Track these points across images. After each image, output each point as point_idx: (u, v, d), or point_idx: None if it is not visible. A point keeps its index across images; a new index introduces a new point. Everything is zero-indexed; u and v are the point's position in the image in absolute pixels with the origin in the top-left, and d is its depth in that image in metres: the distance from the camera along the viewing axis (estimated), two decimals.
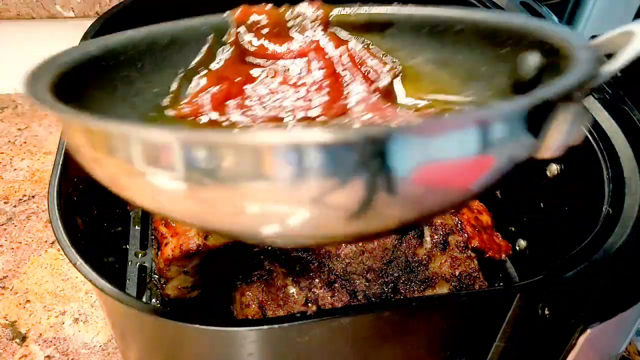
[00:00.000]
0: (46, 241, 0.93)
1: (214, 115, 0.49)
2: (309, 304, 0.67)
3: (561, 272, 0.55)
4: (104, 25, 0.86)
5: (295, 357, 0.61)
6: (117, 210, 0.90)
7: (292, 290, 0.69)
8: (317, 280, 0.69)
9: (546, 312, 0.56)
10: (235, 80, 0.53)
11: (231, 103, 0.51)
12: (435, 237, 0.71)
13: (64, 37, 1.13)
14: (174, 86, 0.54)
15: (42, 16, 1.10)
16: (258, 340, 0.57)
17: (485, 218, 0.83)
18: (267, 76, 0.54)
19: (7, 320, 0.83)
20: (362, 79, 0.52)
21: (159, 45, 0.55)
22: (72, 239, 0.60)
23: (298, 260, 0.71)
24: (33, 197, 1.00)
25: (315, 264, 0.70)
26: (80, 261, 0.58)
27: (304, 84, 0.52)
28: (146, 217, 0.94)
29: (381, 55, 0.54)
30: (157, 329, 0.59)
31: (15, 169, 1.05)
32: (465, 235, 0.76)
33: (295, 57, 0.54)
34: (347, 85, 0.52)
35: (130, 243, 0.90)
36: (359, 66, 0.53)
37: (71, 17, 1.11)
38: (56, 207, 0.62)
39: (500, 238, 0.82)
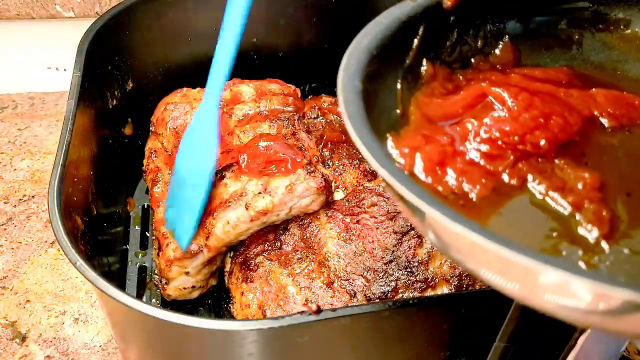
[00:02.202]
0: (46, 241, 0.93)
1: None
2: (309, 304, 0.67)
3: None
4: (104, 25, 0.86)
5: (295, 357, 0.61)
6: (117, 210, 0.90)
7: (292, 290, 0.69)
8: (317, 280, 0.69)
9: None
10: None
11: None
12: None
13: (64, 37, 1.13)
14: (398, 93, 0.52)
15: (42, 16, 1.10)
16: (258, 340, 0.57)
17: None
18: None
19: (7, 320, 0.83)
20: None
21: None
22: (72, 239, 0.60)
23: (298, 260, 0.71)
24: (33, 197, 1.00)
25: (315, 264, 0.70)
26: (80, 261, 0.58)
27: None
28: (146, 217, 0.94)
29: None
30: (157, 329, 0.59)
31: (15, 169, 1.05)
32: None
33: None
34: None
35: (130, 243, 0.90)
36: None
37: (71, 17, 1.11)
38: (56, 207, 0.62)
39: None
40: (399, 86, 0.52)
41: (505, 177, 0.45)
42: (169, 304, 0.81)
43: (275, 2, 0.97)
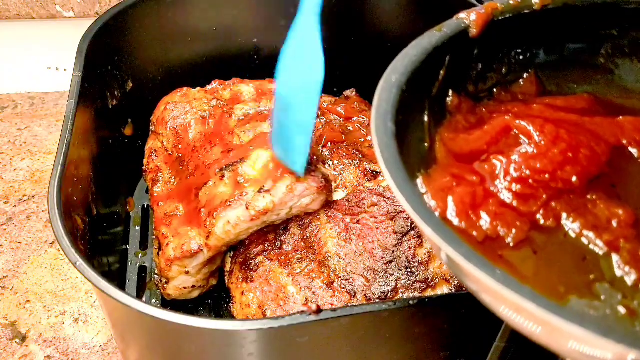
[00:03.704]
0: (46, 241, 0.93)
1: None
2: (309, 304, 0.67)
3: None
4: (104, 25, 0.86)
5: (295, 357, 0.61)
6: (117, 210, 0.90)
7: (292, 290, 0.69)
8: (317, 280, 0.69)
9: None
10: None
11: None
12: None
13: (64, 37, 1.13)
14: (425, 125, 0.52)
15: (42, 16, 1.10)
16: (258, 340, 0.57)
17: None
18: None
19: (7, 320, 0.83)
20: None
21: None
22: (72, 239, 0.60)
23: (298, 260, 0.71)
24: (33, 197, 1.00)
25: (315, 264, 0.70)
26: (80, 261, 0.58)
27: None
28: (146, 217, 0.94)
29: None
30: (157, 329, 0.59)
31: (15, 169, 1.05)
32: None
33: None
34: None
35: (130, 243, 0.90)
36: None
37: (71, 17, 1.11)
38: (56, 207, 0.62)
39: None
40: (426, 118, 0.52)
41: (540, 218, 0.45)
42: (169, 304, 0.80)
43: (275, 2, 0.97)
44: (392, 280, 0.68)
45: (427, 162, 0.49)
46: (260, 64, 1.02)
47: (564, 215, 0.44)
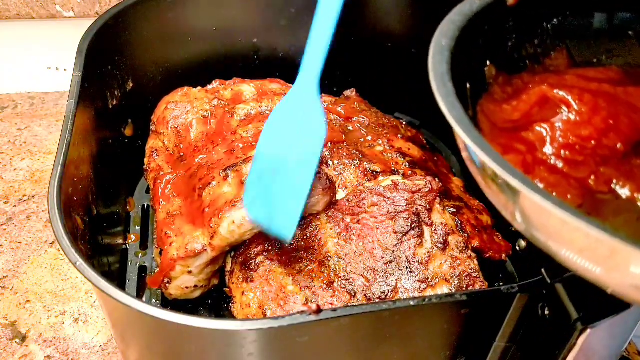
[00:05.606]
0: (46, 241, 0.93)
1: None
2: (309, 304, 0.67)
3: (561, 272, 0.55)
4: (104, 25, 0.86)
5: (295, 357, 0.61)
6: (117, 210, 0.90)
7: (292, 289, 0.69)
8: (317, 280, 0.69)
9: (546, 312, 0.56)
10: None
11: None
12: (435, 237, 0.71)
13: (64, 37, 1.13)
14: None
15: (42, 16, 1.10)
16: (258, 340, 0.57)
17: (486, 218, 0.83)
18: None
19: (7, 320, 0.83)
20: None
21: None
22: (72, 239, 0.60)
23: (298, 260, 0.71)
24: (33, 197, 1.00)
25: (315, 264, 0.70)
26: (80, 261, 0.58)
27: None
28: (146, 217, 0.94)
29: None
30: (157, 329, 0.59)
31: (15, 169, 1.05)
32: (466, 235, 0.76)
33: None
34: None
35: (130, 243, 0.90)
36: None
37: (71, 17, 1.11)
38: (56, 207, 0.62)
39: (500, 238, 0.82)
40: (468, 86, 0.53)
41: (591, 183, 0.45)
42: (169, 304, 0.80)
43: (275, 2, 0.97)
44: (392, 280, 0.68)
45: None
46: (260, 64, 1.02)
47: (615, 180, 0.45)
